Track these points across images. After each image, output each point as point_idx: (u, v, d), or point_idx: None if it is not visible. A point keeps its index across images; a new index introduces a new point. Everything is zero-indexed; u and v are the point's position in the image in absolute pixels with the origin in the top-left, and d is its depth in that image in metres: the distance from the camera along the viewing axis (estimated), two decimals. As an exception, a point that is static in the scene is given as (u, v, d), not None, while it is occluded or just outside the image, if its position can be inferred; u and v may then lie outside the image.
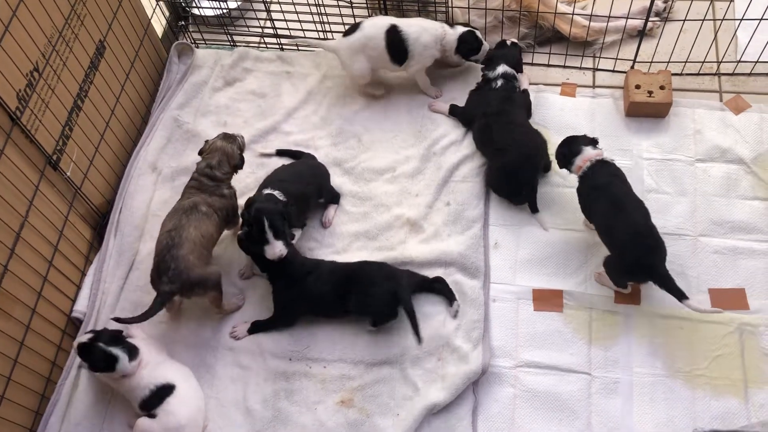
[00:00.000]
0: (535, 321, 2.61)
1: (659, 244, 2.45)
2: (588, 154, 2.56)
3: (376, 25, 2.95)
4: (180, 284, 2.45)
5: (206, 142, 2.73)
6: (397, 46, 2.94)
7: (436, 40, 2.97)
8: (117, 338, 2.41)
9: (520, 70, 2.98)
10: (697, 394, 2.43)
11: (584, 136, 2.63)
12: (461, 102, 3.04)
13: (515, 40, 3.03)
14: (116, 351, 2.36)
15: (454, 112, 3.05)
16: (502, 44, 3.01)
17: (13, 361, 2.38)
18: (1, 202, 2.31)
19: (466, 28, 3.00)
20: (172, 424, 2.38)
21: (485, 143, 2.86)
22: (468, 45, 3.00)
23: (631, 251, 2.44)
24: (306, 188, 2.73)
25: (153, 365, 2.44)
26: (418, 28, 2.95)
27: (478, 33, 3.02)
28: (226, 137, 2.71)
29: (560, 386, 2.48)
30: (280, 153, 2.98)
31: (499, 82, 2.88)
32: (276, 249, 2.44)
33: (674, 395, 2.44)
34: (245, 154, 2.78)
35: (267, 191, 2.58)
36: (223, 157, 2.65)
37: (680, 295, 2.38)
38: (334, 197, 2.89)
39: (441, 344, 2.55)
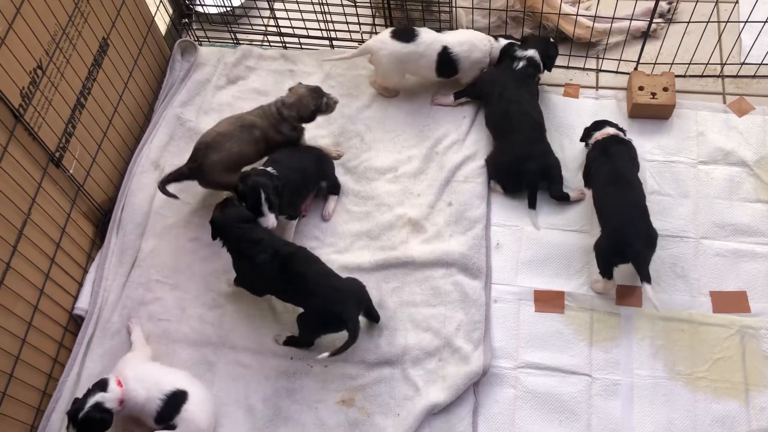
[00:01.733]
0: (536, 322, 2.61)
1: (647, 225, 2.51)
2: (608, 130, 2.73)
3: (431, 47, 2.94)
4: (199, 179, 2.76)
5: (300, 83, 2.89)
6: (447, 65, 2.97)
7: (485, 55, 2.98)
8: (81, 399, 2.30)
9: (548, 67, 2.98)
10: (698, 396, 2.44)
11: (613, 123, 2.79)
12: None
13: (555, 42, 3.05)
14: (92, 399, 2.27)
15: (460, 94, 3.05)
16: (544, 39, 3.03)
17: (15, 358, 2.38)
18: (4, 199, 2.31)
19: (507, 41, 3.00)
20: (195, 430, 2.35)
21: (503, 128, 2.85)
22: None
23: (616, 224, 2.51)
24: (301, 172, 2.75)
25: (146, 375, 2.40)
26: (469, 46, 2.96)
27: (517, 45, 3.01)
28: (314, 91, 2.82)
29: (561, 387, 2.49)
30: None
31: (521, 64, 2.89)
32: (269, 221, 2.54)
33: (675, 397, 2.44)
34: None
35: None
36: (297, 102, 2.78)
37: (646, 278, 2.41)
38: (335, 187, 2.90)
39: (442, 345, 2.56)
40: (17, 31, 2.32)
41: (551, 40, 3.04)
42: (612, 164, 2.62)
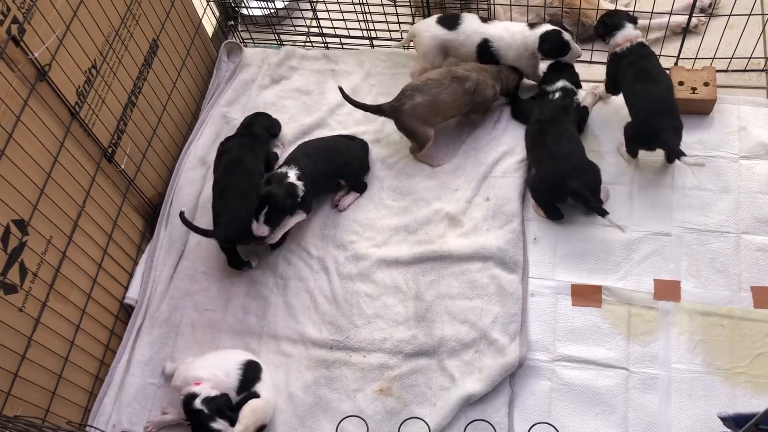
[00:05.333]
0: (573, 316, 2.62)
1: (674, 115, 2.68)
2: (629, 33, 2.81)
3: (470, 37, 3.00)
4: (395, 118, 2.90)
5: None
6: (488, 57, 3.02)
7: (518, 52, 2.99)
8: (189, 413, 2.40)
9: (579, 86, 2.96)
10: (738, 392, 2.42)
11: (626, 13, 2.85)
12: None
13: (569, 64, 3.00)
14: (198, 402, 2.37)
15: (511, 105, 3.08)
16: (563, 65, 2.98)
17: (70, 343, 2.51)
18: (60, 191, 2.44)
19: (548, 28, 2.93)
20: (271, 402, 2.49)
21: (536, 148, 2.83)
22: (549, 44, 2.92)
23: (645, 115, 2.67)
24: (323, 171, 2.85)
25: (208, 361, 2.53)
26: (506, 42, 2.99)
27: (565, 35, 2.92)
28: (513, 69, 3.04)
29: (597, 381, 2.49)
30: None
31: (557, 94, 2.88)
32: (259, 230, 2.63)
33: (713, 392, 2.42)
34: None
35: (291, 173, 2.71)
36: (509, 74, 3.01)
37: (679, 153, 2.61)
38: (358, 186, 2.96)
39: (478, 337, 2.59)
40: (74, 32, 2.45)
41: (564, 63, 2.97)
42: (639, 68, 2.73)
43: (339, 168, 2.90)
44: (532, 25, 2.98)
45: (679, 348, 2.51)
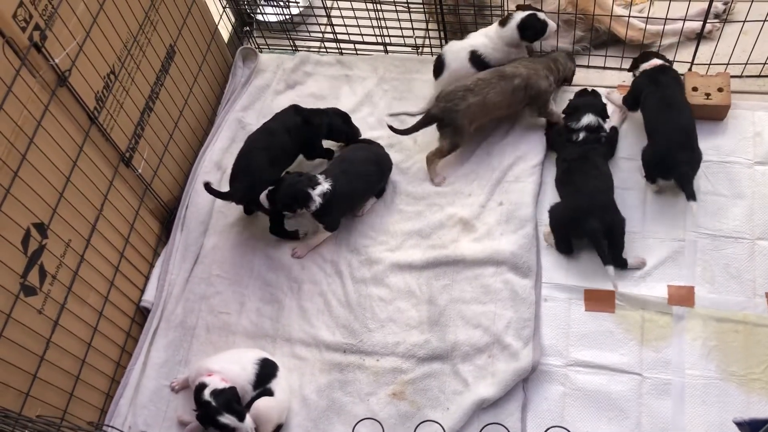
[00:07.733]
0: (586, 321, 2.62)
1: (693, 147, 2.67)
2: (655, 62, 2.83)
3: (459, 54, 3.04)
4: (449, 119, 2.88)
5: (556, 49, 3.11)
6: (484, 67, 3.03)
7: (503, 50, 2.98)
8: (198, 407, 2.43)
9: (606, 116, 2.88)
10: (752, 398, 2.41)
11: (661, 55, 2.89)
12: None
13: (595, 90, 2.96)
14: (206, 393, 2.39)
15: (548, 140, 3.01)
16: (583, 92, 2.95)
17: (87, 345, 2.54)
18: (79, 195, 2.48)
19: (522, 15, 2.94)
20: (285, 401, 2.51)
21: (565, 184, 2.80)
22: (532, 30, 2.94)
23: (664, 144, 2.68)
24: (363, 185, 2.87)
25: (226, 356, 2.58)
26: (490, 49, 3.01)
27: (539, 14, 2.93)
28: (569, 56, 3.07)
29: (610, 386, 2.49)
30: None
31: (582, 135, 2.79)
32: (262, 198, 2.72)
33: (728, 398, 2.42)
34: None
35: (321, 188, 2.71)
36: (564, 63, 3.01)
37: (691, 196, 2.61)
38: (381, 191, 2.99)
39: (491, 341, 2.59)
40: (93, 38, 2.49)
41: (591, 89, 2.94)
42: (662, 92, 2.73)
43: (373, 183, 2.93)
44: (502, 22, 2.99)
45: (692, 354, 2.50)
